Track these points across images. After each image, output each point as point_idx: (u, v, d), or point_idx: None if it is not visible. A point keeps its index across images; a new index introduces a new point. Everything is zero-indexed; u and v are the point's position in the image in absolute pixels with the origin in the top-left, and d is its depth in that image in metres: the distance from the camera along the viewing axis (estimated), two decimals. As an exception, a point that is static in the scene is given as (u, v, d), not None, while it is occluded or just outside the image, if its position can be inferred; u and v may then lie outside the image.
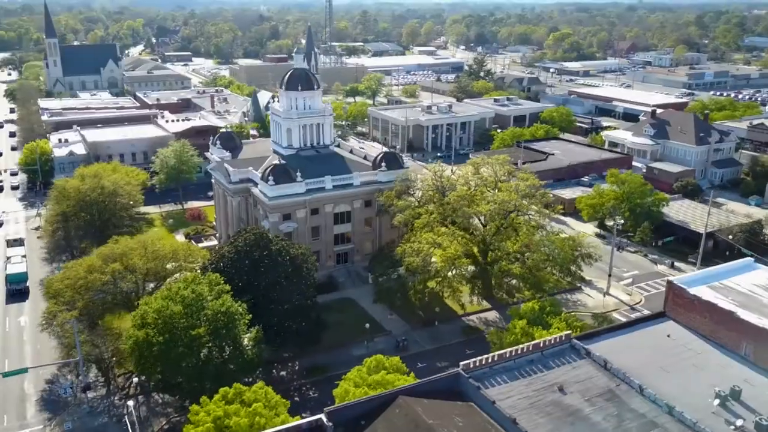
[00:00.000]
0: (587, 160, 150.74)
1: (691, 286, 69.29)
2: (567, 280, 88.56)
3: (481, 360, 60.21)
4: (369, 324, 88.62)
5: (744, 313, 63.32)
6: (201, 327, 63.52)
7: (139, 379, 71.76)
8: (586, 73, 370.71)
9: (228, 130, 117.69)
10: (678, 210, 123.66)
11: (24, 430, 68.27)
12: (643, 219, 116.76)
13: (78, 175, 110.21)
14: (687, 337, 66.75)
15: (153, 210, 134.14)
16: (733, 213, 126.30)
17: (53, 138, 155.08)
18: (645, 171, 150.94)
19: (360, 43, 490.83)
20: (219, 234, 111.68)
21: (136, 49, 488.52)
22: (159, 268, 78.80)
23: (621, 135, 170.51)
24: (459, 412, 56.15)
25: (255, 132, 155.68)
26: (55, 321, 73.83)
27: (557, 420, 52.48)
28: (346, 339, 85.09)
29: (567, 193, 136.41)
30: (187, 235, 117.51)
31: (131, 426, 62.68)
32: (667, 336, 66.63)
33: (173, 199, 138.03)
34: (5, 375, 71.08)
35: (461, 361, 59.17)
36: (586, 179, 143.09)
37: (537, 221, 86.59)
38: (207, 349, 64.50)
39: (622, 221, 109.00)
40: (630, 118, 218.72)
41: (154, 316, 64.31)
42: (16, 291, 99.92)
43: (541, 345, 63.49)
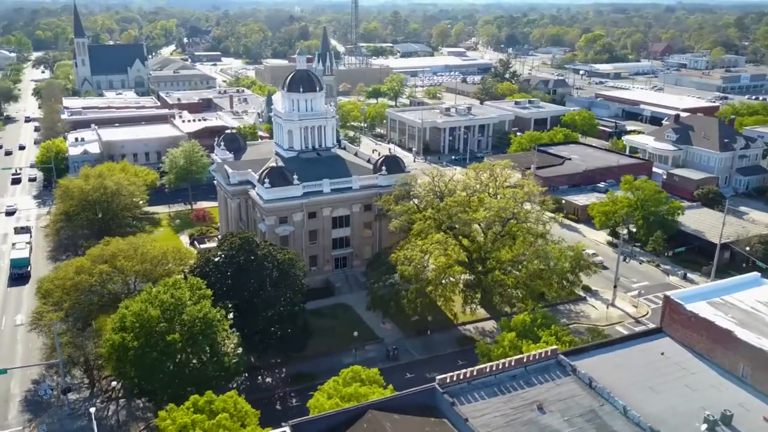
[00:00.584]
0: (604, 165, 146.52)
1: (689, 301, 66.05)
2: (563, 292, 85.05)
3: (459, 375, 58.04)
4: (361, 331, 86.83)
5: (742, 333, 60.01)
6: (176, 332, 62.55)
7: (121, 383, 71.15)
8: (617, 76, 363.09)
9: (233, 131, 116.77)
10: (695, 219, 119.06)
11: (4, 430, 68.17)
12: (657, 228, 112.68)
13: (83, 175, 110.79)
14: (682, 356, 63.58)
15: (162, 210, 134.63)
16: (755, 223, 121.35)
17: (70, 136, 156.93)
18: (665, 177, 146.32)
19: (389, 44, 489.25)
20: (221, 236, 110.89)
21: (168, 49, 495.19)
22: (148, 270, 78.19)
23: (642, 140, 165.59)
24: (430, 429, 54.07)
25: (264, 133, 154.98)
26: (42, 321, 73.79)
27: (530, 441, 50.14)
28: (336, 346, 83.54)
29: (581, 200, 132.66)
30: (191, 236, 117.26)
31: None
32: (661, 354, 63.61)
33: (183, 200, 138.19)
34: None
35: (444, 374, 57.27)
36: (602, 185, 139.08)
37: (536, 229, 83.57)
38: (183, 355, 63.43)
39: (628, 230, 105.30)
40: (657, 122, 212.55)
41: (132, 319, 63.58)
42: (18, 275, 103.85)
43: (525, 360, 61.07)
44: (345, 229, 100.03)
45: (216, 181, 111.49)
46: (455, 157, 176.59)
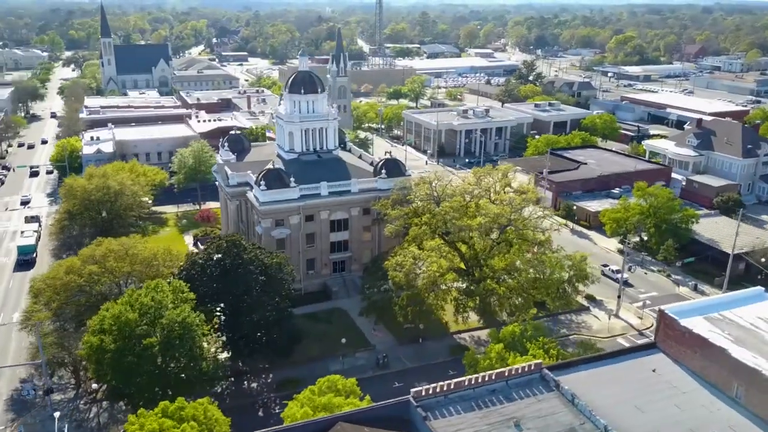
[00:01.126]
0: (621, 170, 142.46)
1: (685, 316, 63.23)
2: (561, 302, 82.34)
3: (435, 387, 56.29)
4: (353, 338, 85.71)
5: (737, 351, 57.08)
6: (154, 336, 61.91)
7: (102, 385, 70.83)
8: (646, 78, 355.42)
9: (237, 132, 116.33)
10: (710, 228, 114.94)
11: (-14, 429, 68.52)
12: (669, 236, 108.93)
13: (87, 174, 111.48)
14: (674, 373, 60.84)
15: (171, 209, 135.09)
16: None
17: (87, 135, 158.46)
18: (684, 184, 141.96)
19: (416, 45, 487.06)
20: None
21: (197, 49, 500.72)
22: (138, 271, 77.87)
23: (663, 145, 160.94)
24: (399, 443, 52.49)
25: (273, 134, 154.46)
26: (30, 321, 73.98)
27: (499, 460, 48.13)
28: (327, 352, 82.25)
29: (594, 206, 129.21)
30: (195, 237, 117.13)
31: None
32: (653, 370, 60.94)
33: (192, 200, 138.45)
34: None
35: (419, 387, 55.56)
36: (616, 191, 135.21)
37: (534, 237, 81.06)
38: (160, 359, 62.67)
39: (640, 238, 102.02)
40: (683, 126, 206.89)
41: (110, 322, 63.15)
42: (24, 261, 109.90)
43: (506, 374, 59.01)
44: (343, 233, 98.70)
45: (217, 182, 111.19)
46: (468, 160, 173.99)
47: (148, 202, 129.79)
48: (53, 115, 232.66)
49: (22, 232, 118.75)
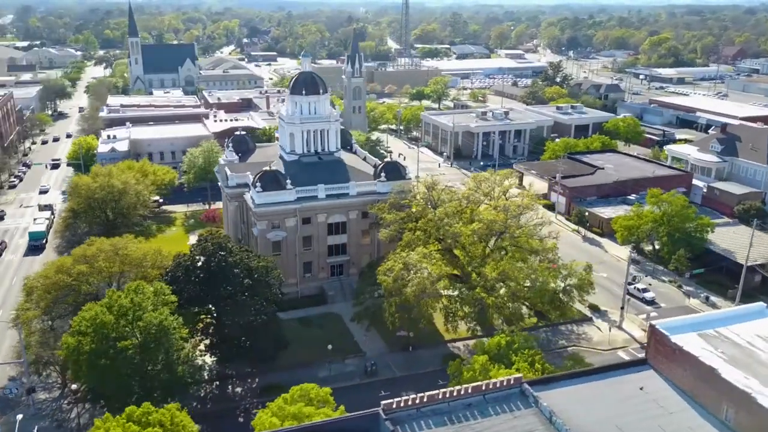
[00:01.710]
0: (639, 176, 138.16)
1: (677, 332, 60.29)
2: (557, 312, 79.63)
3: (408, 400, 54.48)
4: (345, 343, 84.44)
5: (728, 371, 54.08)
6: (128, 339, 61.34)
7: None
8: (680, 81, 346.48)
9: (242, 132, 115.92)
10: (727, 237, 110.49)
11: (-32, 428, 68.86)
12: (682, 245, 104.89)
13: (92, 173, 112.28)
14: (663, 392, 58.00)
15: (180, 209, 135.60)
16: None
17: (104, 134, 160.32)
18: (705, 191, 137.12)
19: (446, 46, 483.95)
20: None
21: (228, 49, 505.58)
22: (126, 272, 77.71)
23: (685, 150, 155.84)
24: (362, 458, 50.88)
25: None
26: (19, 319, 74.28)
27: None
28: (316, 358, 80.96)
29: (607, 212, 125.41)
30: (200, 237, 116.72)
31: None
32: (640, 388, 58.16)
33: (203, 199, 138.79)
34: None
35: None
36: (632, 197, 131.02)
37: (529, 245, 78.49)
38: (134, 363, 62.01)
39: (645, 249, 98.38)
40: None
41: (86, 323, 62.85)
42: (34, 246, 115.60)
43: (484, 388, 56.85)
44: (341, 236, 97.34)
45: (220, 183, 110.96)
46: (483, 163, 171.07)
47: (159, 200, 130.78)
48: (81, 110, 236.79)
49: (34, 219, 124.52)
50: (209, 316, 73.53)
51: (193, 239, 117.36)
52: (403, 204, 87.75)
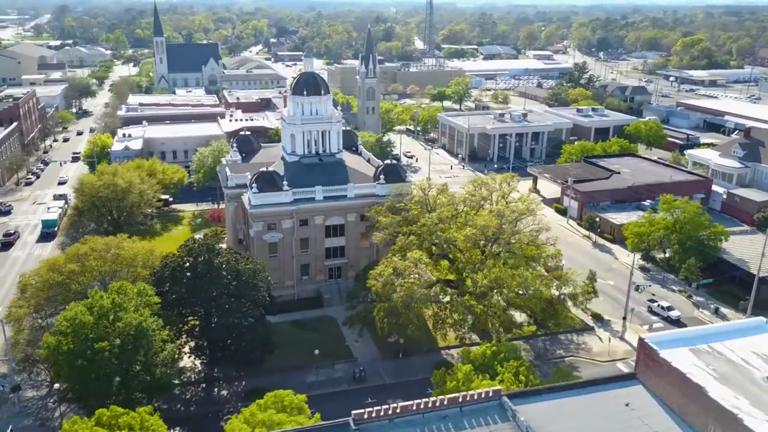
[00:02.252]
0: (655, 181, 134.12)
1: (667, 346, 57.71)
2: (552, 322, 77.22)
3: (380, 410, 52.98)
4: (337, 348, 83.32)
5: (716, 390, 51.47)
6: (106, 340, 60.96)
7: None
8: (712, 83, 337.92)
9: (246, 133, 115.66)
10: (742, 246, 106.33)
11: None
12: (694, 254, 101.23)
13: (98, 172, 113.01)
14: (649, 409, 55.55)
15: (189, 208, 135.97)
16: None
17: (120, 132, 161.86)
18: (725, 198, 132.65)
19: (473, 46, 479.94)
20: (227, 238, 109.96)
21: (256, 48, 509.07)
22: (116, 271, 77.57)
23: (706, 155, 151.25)
24: (327, 469, 49.59)
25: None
26: (10, 316, 74.70)
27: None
28: (306, 362, 79.90)
29: (620, 218, 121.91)
30: (205, 236, 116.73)
31: None
32: (626, 404, 55.76)
33: (213, 199, 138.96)
34: None
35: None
36: (647, 203, 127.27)
37: (523, 251, 76.24)
38: (112, 364, 61.60)
39: (656, 256, 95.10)
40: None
41: (66, 324, 62.70)
42: (47, 233, 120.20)
43: (461, 399, 55.09)
44: (339, 239, 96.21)
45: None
46: (497, 166, 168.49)
47: (168, 199, 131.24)
48: (107, 106, 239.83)
49: (48, 207, 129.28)
50: (195, 317, 72.88)
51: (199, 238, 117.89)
52: (398, 207, 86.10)
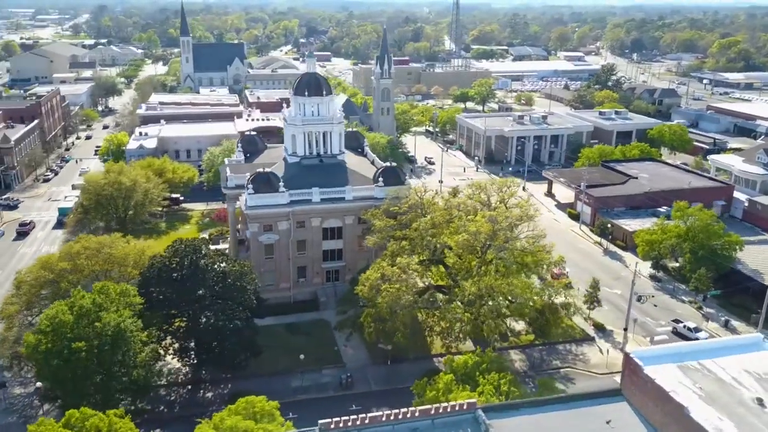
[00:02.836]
0: (673, 187, 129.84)
1: (653, 362, 55.15)
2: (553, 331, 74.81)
3: (347, 420, 51.59)
4: (328, 353, 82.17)
5: (700, 411, 48.87)
6: (83, 340, 60.74)
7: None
8: (748, 86, 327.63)
9: (252, 133, 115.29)
10: (758, 257, 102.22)
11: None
12: (706, 263, 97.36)
13: (106, 170, 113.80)
14: (632, 427, 53.34)
15: (199, 207, 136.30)
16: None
17: (138, 130, 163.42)
18: (747, 205, 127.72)
19: (503, 47, 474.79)
20: (230, 239, 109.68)
21: (286, 48, 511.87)
22: (106, 271, 77.67)
23: (729, 160, 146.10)
24: (287, 480, 48.35)
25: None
26: (1, 313, 75.33)
27: None
28: (294, 366, 78.85)
29: (633, 225, 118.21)
30: (211, 236, 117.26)
31: None
32: (607, 422, 53.42)
33: (223, 198, 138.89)
34: None
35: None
36: (663, 210, 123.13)
37: (514, 258, 73.96)
38: (88, 364, 61.35)
39: (676, 265, 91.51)
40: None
41: (46, 323, 62.78)
42: (62, 221, 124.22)
43: (434, 411, 53.36)
44: (337, 241, 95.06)
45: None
46: (512, 169, 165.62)
47: (179, 198, 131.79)
48: None
49: (65, 196, 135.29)
50: (181, 319, 72.43)
51: (205, 237, 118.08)
52: (393, 211, 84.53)
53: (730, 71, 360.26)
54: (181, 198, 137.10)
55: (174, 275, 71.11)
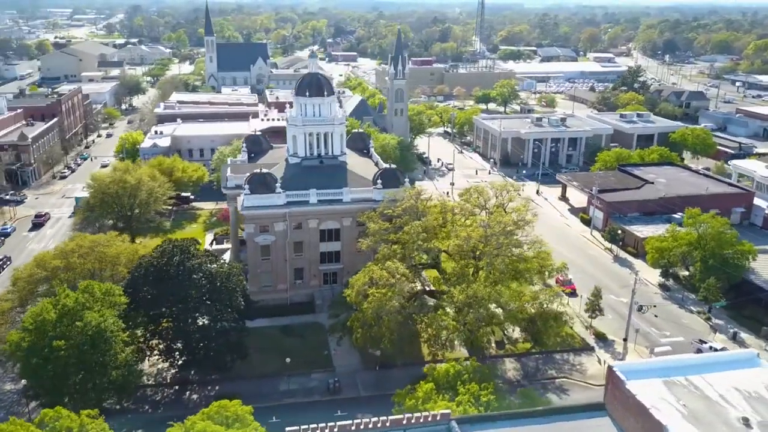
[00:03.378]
0: (689, 193, 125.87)
1: (637, 377, 53.19)
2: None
3: (315, 428, 50.51)
4: (319, 357, 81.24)
5: (681, 430, 46.69)
6: (63, 339, 60.78)
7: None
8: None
9: (257, 133, 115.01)
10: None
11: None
12: (717, 272, 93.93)
13: (113, 168, 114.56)
14: (611, 444, 51.08)
15: (209, 206, 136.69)
16: None
17: (154, 129, 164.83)
18: (767, 212, 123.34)
19: (532, 48, 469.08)
20: (231, 239, 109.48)
21: (314, 48, 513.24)
22: (97, 270, 77.86)
23: (752, 166, 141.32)
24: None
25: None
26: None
27: None
28: (284, 369, 78.12)
29: (645, 231, 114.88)
30: (216, 235, 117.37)
31: None
32: (585, 438, 51.46)
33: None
34: None
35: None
36: (678, 216, 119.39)
37: (505, 264, 71.93)
38: (67, 363, 61.35)
39: (685, 275, 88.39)
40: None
41: (30, 320, 63.05)
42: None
43: (406, 422, 52.10)
44: (335, 243, 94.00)
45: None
46: (527, 171, 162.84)
47: (190, 197, 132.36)
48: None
49: (83, 187, 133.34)
50: (167, 319, 72.14)
51: (210, 237, 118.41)
52: (388, 213, 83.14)
53: (765, 74, 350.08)
54: (192, 197, 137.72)
55: (161, 275, 70.84)
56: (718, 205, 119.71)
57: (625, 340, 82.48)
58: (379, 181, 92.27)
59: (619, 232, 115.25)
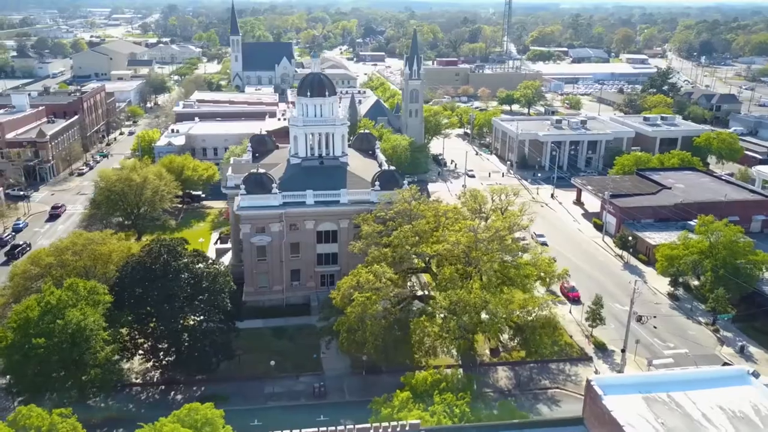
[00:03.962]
0: (708, 199, 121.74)
1: (615, 392, 51.06)
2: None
3: (281, 436, 49.67)
4: (308, 360, 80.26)
5: (653, 450, 44.46)
6: (43, 337, 60.92)
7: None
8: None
9: (263, 133, 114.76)
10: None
11: None
12: (727, 283, 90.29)
13: (121, 167, 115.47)
14: (585, 462, 49.05)
15: (219, 205, 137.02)
16: None
17: (170, 127, 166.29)
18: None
19: (563, 49, 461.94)
20: (231, 238, 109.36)
21: (343, 48, 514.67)
22: (89, 267, 78.11)
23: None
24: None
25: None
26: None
27: None
28: (272, 371, 77.35)
29: (658, 238, 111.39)
30: (221, 235, 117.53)
31: None
32: (560, 454, 49.51)
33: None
34: None
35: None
36: (693, 223, 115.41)
37: (494, 268, 70.03)
38: (47, 361, 61.47)
39: (677, 283, 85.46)
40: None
41: (14, 317, 63.43)
42: None
43: (372, 431, 50.68)
44: (332, 245, 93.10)
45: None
46: (542, 174, 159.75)
47: (200, 195, 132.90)
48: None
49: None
50: (152, 319, 71.97)
51: (215, 236, 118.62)
52: (382, 216, 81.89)
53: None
54: (202, 195, 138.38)
55: (148, 275, 70.74)
56: (738, 213, 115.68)
57: (623, 350, 79.75)
58: (377, 183, 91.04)
59: (630, 238, 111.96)
